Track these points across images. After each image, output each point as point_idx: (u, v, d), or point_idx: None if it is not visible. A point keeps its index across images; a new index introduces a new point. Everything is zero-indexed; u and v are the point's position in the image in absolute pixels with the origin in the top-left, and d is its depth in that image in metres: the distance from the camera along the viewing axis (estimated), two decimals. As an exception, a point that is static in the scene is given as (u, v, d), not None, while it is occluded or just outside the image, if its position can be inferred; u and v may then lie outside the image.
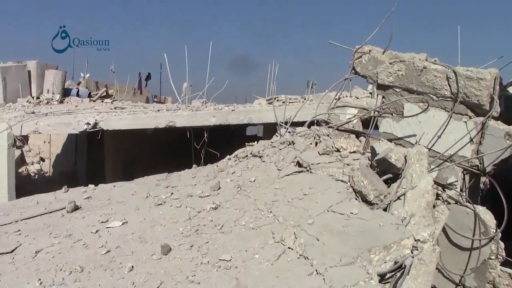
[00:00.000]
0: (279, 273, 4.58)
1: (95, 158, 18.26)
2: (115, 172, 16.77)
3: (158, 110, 13.22)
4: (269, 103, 13.25)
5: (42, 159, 21.03)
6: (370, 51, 8.74)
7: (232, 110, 12.20)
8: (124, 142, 17.08)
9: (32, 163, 21.01)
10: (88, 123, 12.14)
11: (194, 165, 8.56)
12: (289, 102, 12.89)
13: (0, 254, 5.79)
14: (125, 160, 17.62)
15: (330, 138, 7.84)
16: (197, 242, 5.36)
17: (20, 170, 18.06)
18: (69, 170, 19.59)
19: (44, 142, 20.56)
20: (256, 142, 22.49)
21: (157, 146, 17.76)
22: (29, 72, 16.89)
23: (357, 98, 14.12)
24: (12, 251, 5.86)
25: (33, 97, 16.40)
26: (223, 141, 13.38)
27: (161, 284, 4.63)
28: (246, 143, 22.03)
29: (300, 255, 4.86)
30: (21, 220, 7.01)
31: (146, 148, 17.91)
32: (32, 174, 20.36)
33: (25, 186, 14.89)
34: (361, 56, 8.83)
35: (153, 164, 15.07)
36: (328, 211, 5.63)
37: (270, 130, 15.25)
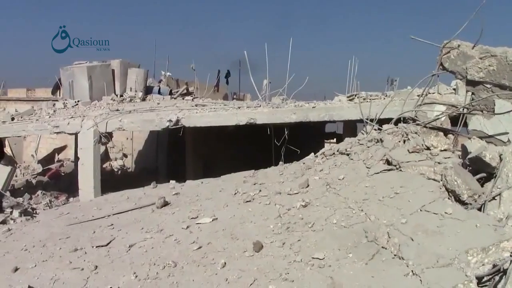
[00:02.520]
0: (374, 273, 4.49)
1: (175, 155, 18.57)
2: (195, 169, 16.98)
3: (239, 107, 13.26)
4: (350, 100, 13.03)
5: (125, 155, 21.60)
6: (459, 46, 8.44)
7: (313, 107, 12.06)
8: (204, 139, 17.28)
9: (116, 159, 21.61)
10: (170, 120, 12.33)
11: (280, 162, 8.56)
12: (370, 99, 12.66)
13: (96, 247, 6.00)
14: (205, 157, 17.81)
15: (418, 135, 7.62)
16: (289, 240, 5.34)
17: (104, 166, 18.63)
18: (150, 166, 20.01)
19: (127, 138, 21.11)
20: (335, 139, 22.26)
21: (235, 142, 17.87)
22: (113, 71, 17.30)
23: (440, 94, 13.69)
24: (107, 244, 6.07)
25: (116, 95, 16.80)
26: (302, 138, 13.30)
27: (254, 281, 4.64)
28: (325, 141, 21.82)
29: (394, 255, 4.74)
30: (113, 214, 7.25)
31: (225, 145, 18.04)
32: (116, 170, 20.95)
33: (109, 181, 15.35)
34: (449, 52, 8.54)
35: (232, 161, 15.18)
36: (421, 210, 5.46)
37: (350, 127, 15.03)
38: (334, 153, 7.70)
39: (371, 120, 9.06)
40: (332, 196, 6.21)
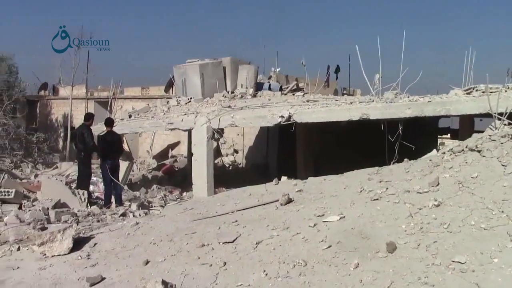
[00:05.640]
0: (527, 281, 4.17)
1: (285, 151, 18.60)
2: (306, 165, 16.92)
3: (351, 103, 13.03)
4: (467, 94, 12.44)
5: (236, 151, 21.94)
6: None
7: (428, 102, 11.60)
8: (314, 135, 17.17)
9: (227, 155, 22.01)
10: (282, 116, 12.33)
11: (405, 159, 8.25)
12: (490, 92, 12.03)
13: (223, 243, 6.04)
14: (316, 153, 17.71)
15: (556, 131, 7.09)
16: (424, 241, 5.10)
17: (216, 161, 19.00)
18: (260, 162, 20.21)
19: (238, 134, 21.46)
20: (449, 134, 21.36)
21: (346, 138, 17.63)
22: (224, 68, 17.60)
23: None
24: (233, 240, 6.08)
25: (228, 92, 17.07)
26: (415, 133, 12.88)
27: (391, 284, 4.46)
28: (439, 136, 20.95)
29: (547, 262, 4.38)
30: (237, 211, 7.28)
31: (336, 141, 17.85)
32: (227, 165, 21.36)
33: (220, 176, 15.64)
34: None
35: (343, 157, 14.97)
36: None
37: (467, 122, 14.38)
38: (463, 150, 7.30)
39: (500, 114, 8.54)
40: (466, 195, 5.87)
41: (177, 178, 18.28)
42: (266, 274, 5.05)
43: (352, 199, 6.67)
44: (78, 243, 6.75)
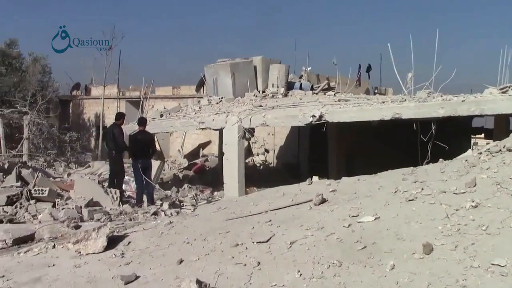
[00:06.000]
0: None
1: (316, 150, 18.55)
2: (338, 165, 16.87)
3: (383, 102, 12.91)
4: (503, 93, 12.23)
5: (267, 151, 21.98)
6: None
7: (462, 101, 11.42)
8: (346, 135, 17.09)
9: (258, 154, 22.05)
10: (313, 116, 12.28)
11: (440, 159, 8.14)
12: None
13: (257, 242, 6.02)
14: (347, 153, 17.63)
15: None
16: (462, 243, 5.00)
17: (247, 161, 19.03)
18: (292, 162, 20.20)
19: (268, 134, 21.47)
20: (482, 134, 21.06)
21: (377, 138, 17.49)
22: (255, 67, 17.63)
23: None
24: (267, 240, 6.05)
25: (259, 91, 17.08)
26: (447, 133, 12.72)
27: (428, 286, 4.39)
28: (472, 136, 20.64)
29: None
30: (270, 210, 7.26)
31: (367, 141, 17.71)
32: (258, 165, 21.37)
33: (251, 176, 15.64)
34: None
35: (374, 157, 14.85)
36: None
37: (503, 121, 14.13)
38: (500, 150, 7.16)
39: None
40: (505, 196, 5.74)
41: (208, 177, 18.36)
42: (300, 275, 5.02)
43: (386, 200, 6.58)
44: (112, 242, 6.81)
